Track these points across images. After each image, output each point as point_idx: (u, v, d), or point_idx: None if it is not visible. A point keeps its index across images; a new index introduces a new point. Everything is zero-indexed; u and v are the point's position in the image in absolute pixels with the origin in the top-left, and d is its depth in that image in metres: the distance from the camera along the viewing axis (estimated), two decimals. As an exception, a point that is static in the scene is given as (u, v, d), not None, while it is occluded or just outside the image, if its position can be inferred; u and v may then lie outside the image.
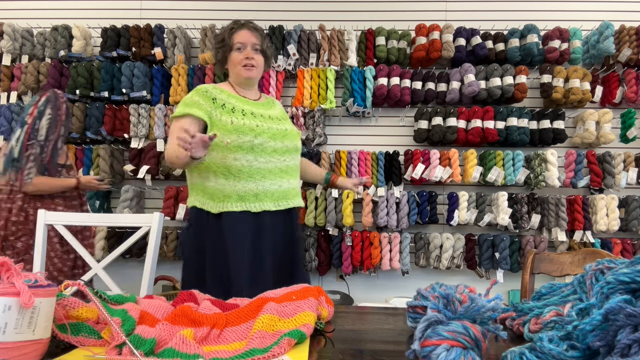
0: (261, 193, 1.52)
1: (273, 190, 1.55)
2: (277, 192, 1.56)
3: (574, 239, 2.80)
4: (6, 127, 2.90)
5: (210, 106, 1.54)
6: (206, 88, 1.59)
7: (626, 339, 0.49)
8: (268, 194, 1.54)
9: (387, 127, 3.06)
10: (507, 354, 0.62)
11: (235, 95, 1.63)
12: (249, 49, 1.62)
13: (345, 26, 2.95)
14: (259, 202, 1.52)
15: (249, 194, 1.51)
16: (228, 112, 1.54)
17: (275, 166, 1.57)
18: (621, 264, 0.68)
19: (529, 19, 2.99)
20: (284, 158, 1.60)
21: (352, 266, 2.80)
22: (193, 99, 1.56)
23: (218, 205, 1.50)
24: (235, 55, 1.62)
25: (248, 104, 1.62)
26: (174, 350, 0.68)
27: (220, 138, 1.48)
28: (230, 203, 1.50)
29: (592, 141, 2.82)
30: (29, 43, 3.00)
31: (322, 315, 0.88)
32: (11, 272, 0.66)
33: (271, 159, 1.55)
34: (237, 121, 1.52)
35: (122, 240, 2.41)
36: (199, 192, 1.56)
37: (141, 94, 2.83)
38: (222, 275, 1.46)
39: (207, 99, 1.55)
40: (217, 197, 1.51)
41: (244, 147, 1.50)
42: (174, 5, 3.14)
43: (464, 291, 0.81)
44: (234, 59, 1.62)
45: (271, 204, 1.54)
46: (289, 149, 1.62)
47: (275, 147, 1.57)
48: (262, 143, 1.53)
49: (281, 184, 1.58)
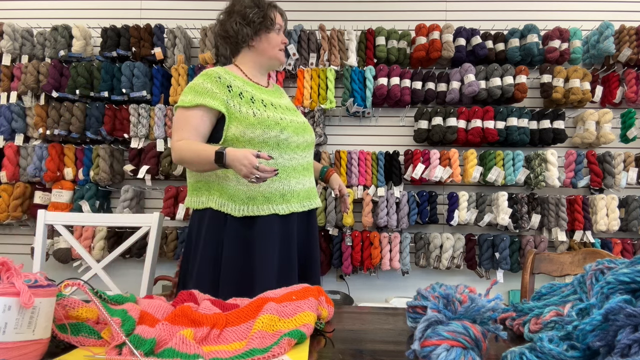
0: (288, 193, 1.38)
1: (299, 189, 1.41)
2: (303, 192, 1.43)
3: (574, 239, 2.80)
4: (6, 127, 2.90)
5: (226, 95, 1.33)
6: (218, 73, 1.37)
7: (626, 339, 0.49)
8: (295, 194, 1.40)
9: (387, 127, 3.06)
10: (507, 354, 0.62)
11: (248, 81, 1.44)
12: (282, 34, 1.50)
13: (345, 26, 2.95)
14: (287, 204, 1.38)
15: (275, 194, 1.36)
16: (247, 102, 1.35)
17: (299, 163, 1.43)
18: (621, 264, 0.68)
19: (529, 19, 2.99)
20: (305, 154, 1.46)
21: (352, 266, 2.80)
22: (205, 86, 1.34)
23: (241, 207, 1.33)
24: (275, 37, 1.45)
25: (263, 92, 1.45)
26: (173, 351, 0.68)
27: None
28: (255, 206, 1.34)
29: (592, 141, 2.82)
30: (29, 43, 3.00)
31: (322, 315, 0.88)
32: (11, 272, 0.66)
33: (295, 155, 1.41)
34: (259, 113, 1.34)
35: (122, 240, 2.42)
36: (215, 191, 1.37)
37: (141, 94, 2.83)
38: (243, 284, 1.30)
39: (221, 86, 1.34)
40: (240, 198, 1.34)
41: (269, 142, 1.34)
42: (174, 5, 3.14)
43: (464, 291, 0.81)
44: (274, 39, 1.45)
45: (298, 204, 1.41)
46: (309, 144, 1.48)
47: (298, 142, 1.42)
48: (287, 138, 1.37)
49: (304, 182, 1.45)
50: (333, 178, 1.70)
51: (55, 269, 2.90)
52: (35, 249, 1.51)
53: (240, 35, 1.42)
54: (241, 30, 1.41)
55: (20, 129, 2.92)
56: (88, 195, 2.82)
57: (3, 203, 2.81)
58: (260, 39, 1.44)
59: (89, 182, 2.87)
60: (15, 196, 2.82)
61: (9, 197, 2.82)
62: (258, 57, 1.46)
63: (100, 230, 2.81)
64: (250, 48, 1.46)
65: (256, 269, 1.32)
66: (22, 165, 2.88)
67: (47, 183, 2.90)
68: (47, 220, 1.53)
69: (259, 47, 1.45)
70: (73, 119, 2.84)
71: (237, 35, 1.43)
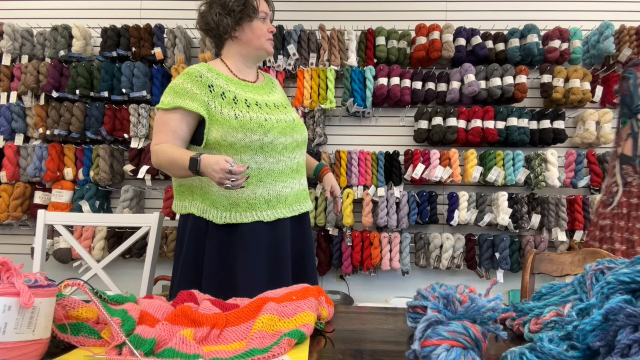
0: (273, 199, 1.31)
1: (286, 193, 1.34)
2: (291, 196, 1.36)
3: (574, 239, 2.80)
4: (6, 127, 2.90)
5: (206, 95, 1.27)
6: (199, 72, 1.30)
7: (626, 339, 0.49)
8: (281, 199, 1.33)
9: (387, 127, 3.06)
10: (507, 354, 0.62)
11: (233, 78, 1.36)
12: (269, 22, 1.39)
13: (345, 26, 2.95)
14: (272, 210, 1.31)
15: (259, 200, 1.29)
16: (229, 104, 1.28)
17: (286, 166, 1.35)
18: (621, 264, 0.68)
19: (529, 19, 2.99)
20: (294, 155, 1.38)
21: (352, 266, 2.80)
22: (184, 86, 1.27)
23: (223, 214, 1.27)
24: (259, 25, 1.35)
25: (249, 90, 1.36)
26: (173, 351, 0.68)
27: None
28: (238, 213, 1.27)
29: (592, 141, 2.82)
30: (29, 43, 3.00)
31: (322, 315, 0.88)
32: (11, 272, 0.66)
33: (281, 157, 1.33)
34: (242, 115, 1.26)
35: (122, 240, 2.42)
36: (197, 196, 1.32)
37: (141, 94, 2.83)
38: (225, 295, 1.18)
39: (202, 86, 1.27)
40: (222, 204, 1.28)
41: (252, 147, 1.27)
42: (174, 5, 3.14)
43: (464, 291, 0.81)
44: (259, 28, 1.35)
45: (286, 209, 1.33)
46: (299, 144, 1.40)
47: (285, 143, 1.33)
48: (272, 141, 1.29)
49: (293, 185, 1.37)
50: (327, 178, 1.60)
51: (55, 269, 2.90)
52: (35, 249, 1.50)
53: (221, 27, 1.34)
54: (222, 21, 1.33)
55: (20, 129, 2.92)
56: (88, 195, 2.82)
57: (3, 203, 2.81)
58: (243, 29, 1.35)
59: (89, 182, 2.87)
60: (15, 196, 2.82)
61: (9, 197, 2.82)
62: (243, 49, 1.38)
63: (100, 230, 2.81)
64: (233, 39, 1.37)
65: (238, 280, 1.26)
66: (22, 165, 2.88)
67: (47, 183, 2.90)
68: (47, 220, 1.53)
69: (243, 38, 1.36)
70: (73, 119, 2.84)
71: (218, 26, 1.34)
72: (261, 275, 1.28)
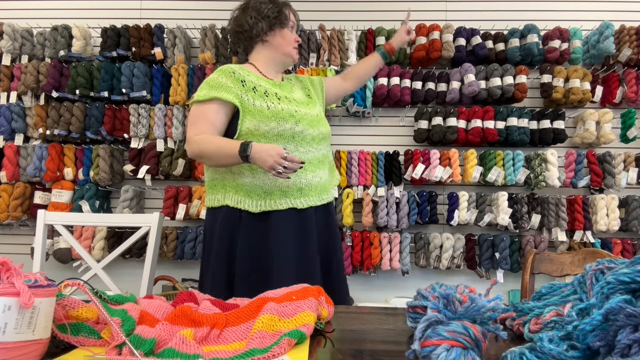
0: (305, 187, 1.39)
1: (315, 182, 1.42)
2: (319, 185, 1.44)
3: (574, 239, 2.80)
4: (6, 127, 2.90)
5: (239, 89, 1.35)
6: (232, 69, 1.39)
7: (626, 339, 0.49)
8: (312, 188, 1.41)
9: (387, 127, 3.06)
10: (507, 354, 0.62)
11: (262, 77, 1.46)
12: (295, 33, 1.52)
13: (345, 26, 2.95)
14: (304, 197, 1.39)
15: (292, 188, 1.36)
16: (261, 96, 1.37)
17: (314, 156, 1.43)
18: (621, 264, 0.68)
19: (529, 19, 2.99)
20: (320, 147, 1.47)
21: (352, 266, 2.80)
22: (219, 80, 1.36)
23: (258, 203, 1.35)
24: (289, 33, 1.47)
25: (276, 86, 1.46)
26: (173, 351, 0.68)
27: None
28: (273, 200, 1.35)
29: (592, 141, 2.82)
30: (29, 43, 3.00)
31: (322, 315, 0.88)
32: (11, 272, 0.66)
33: (310, 148, 1.42)
34: (273, 106, 1.36)
35: (122, 240, 2.42)
36: (230, 189, 1.39)
37: (141, 94, 2.83)
38: (259, 282, 1.26)
39: (235, 81, 1.36)
40: (256, 194, 1.35)
41: (284, 135, 1.35)
42: (174, 5, 3.14)
43: (464, 291, 0.81)
44: (289, 36, 1.47)
45: (316, 198, 1.42)
46: (324, 136, 1.49)
47: (313, 134, 1.43)
48: (302, 131, 1.38)
49: (320, 175, 1.45)
50: (395, 42, 1.78)
51: (55, 269, 2.90)
52: (35, 249, 1.50)
53: (255, 30, 1.44)
54: (256, 25, 1.43)
55: (20, 129, 2.92)
56: (88, 195, 2.82)
57: (3, 203, 2.81)
58: (275, 34, 1.45)
59: (89, 182, 2.87)
60: (15, 196, 2.82)
61: (9, 197, 2.82)
62: (272, 53, 1.48)
63: (100, 230, 2.81)
64: (264, 43, 1.47)
65: (273, 266, 1.32)
66: (22, 165, 2.88)
67: (47, 183, 2.91)
68: (47, 220, 1.53)
69: (274, 42, 1.46)
70: (73, 119, 2.84)
71: (251, 29, 1.44)
72: (291, 260, 1.34)
